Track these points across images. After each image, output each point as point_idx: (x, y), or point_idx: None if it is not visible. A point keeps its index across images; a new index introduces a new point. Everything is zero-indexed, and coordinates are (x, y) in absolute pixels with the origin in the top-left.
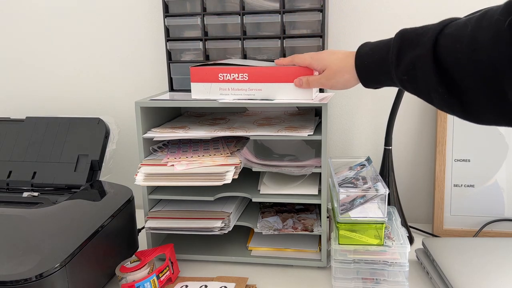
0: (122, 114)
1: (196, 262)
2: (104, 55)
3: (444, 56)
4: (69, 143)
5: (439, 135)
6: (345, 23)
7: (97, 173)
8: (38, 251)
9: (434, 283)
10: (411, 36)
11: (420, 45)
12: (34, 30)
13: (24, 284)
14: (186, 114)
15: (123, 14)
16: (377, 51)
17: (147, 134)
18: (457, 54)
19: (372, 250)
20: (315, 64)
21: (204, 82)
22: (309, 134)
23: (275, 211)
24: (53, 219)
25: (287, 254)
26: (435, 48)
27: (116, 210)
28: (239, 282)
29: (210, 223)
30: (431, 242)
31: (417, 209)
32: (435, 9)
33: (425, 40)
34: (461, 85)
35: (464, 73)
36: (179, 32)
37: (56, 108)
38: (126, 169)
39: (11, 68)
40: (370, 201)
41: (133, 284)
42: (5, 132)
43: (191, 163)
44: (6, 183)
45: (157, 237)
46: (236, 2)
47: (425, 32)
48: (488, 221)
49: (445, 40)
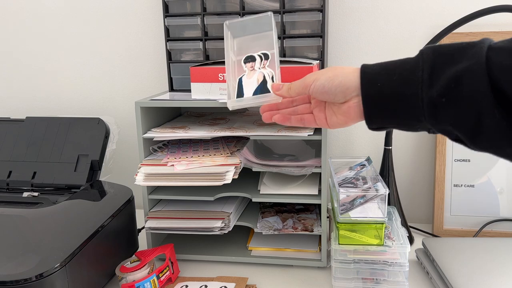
0: (122, 114)
1: (196, 262)
2: (104, 55)
3: (500, 73)
4: (69, 143)
5: (439, 135)
6: (345, 23)
7: (97, 173)
8: (38, 251)
9: (434, 283)
10: (448, 51)
11: (466, 59)
12: (34, 30)
13: (24, 284)
14: (186, 114)
15: (123, 14)
16: (394, 70)
17: (147, 134)
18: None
19: (372, 250)
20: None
21: (204, 82)
22: (309, 134)
23: (275, 211)
24: (53, 219)
25: (287, 254)
26: (487, 64)
27: (116, 210)
28: (239, 282)
29: (210, 223)
30: (431, 242)
31: (417, 209)
32: (435, 10)
33: (473, 52)
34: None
35: None
36: (179, 32)
37: (56, 108)
38: (126, 169)
39: (11, 68)
40: (370, 201)
41: (133, 284)
42: (5, 132)
43: (191, 163)
44: (6, 183)
45: (157, 237)
46: (236, 2)
47: (468, 46)
48: (488, 221)
49: (497, 55)
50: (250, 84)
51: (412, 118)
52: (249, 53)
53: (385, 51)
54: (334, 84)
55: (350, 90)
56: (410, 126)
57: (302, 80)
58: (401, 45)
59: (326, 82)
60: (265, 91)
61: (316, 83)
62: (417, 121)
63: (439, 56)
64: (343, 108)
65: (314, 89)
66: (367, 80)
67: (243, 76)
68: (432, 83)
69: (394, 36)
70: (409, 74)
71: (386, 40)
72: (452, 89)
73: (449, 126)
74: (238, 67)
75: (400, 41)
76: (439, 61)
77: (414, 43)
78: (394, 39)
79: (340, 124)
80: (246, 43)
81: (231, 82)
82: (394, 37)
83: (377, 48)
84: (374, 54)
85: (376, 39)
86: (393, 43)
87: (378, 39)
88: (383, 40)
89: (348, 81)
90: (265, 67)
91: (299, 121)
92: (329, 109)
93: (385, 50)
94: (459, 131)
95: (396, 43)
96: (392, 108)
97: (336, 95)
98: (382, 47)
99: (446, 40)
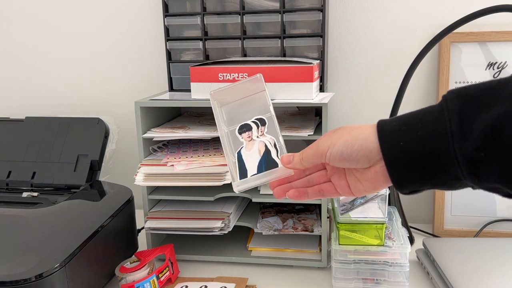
0: (122, 114)
1: (196, 262)
2: (104, 55)
3: None
4: (69, 143)
5: None
6: (345, 22)
7: (96, 173)
8: (37, 251)
9: (435, 283)
10: (475, 93)
11: (500, 101)
12: (34, 30)
13: (23, 284)
14: (186, 114)
15: (123, 13)
16: (416, 125)
17: (147, 134)
18: None
19: (373, 251)
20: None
21: (204, 82)
22: (309, 134)
23: (275, 211)
24: (52, 219)
25: (287, 254)
26: None
27: (116, 210)
28: (239, 283)
29: (210, 223)
30: (432, 242)
31: (418, 209)
32: (436, 9)
33: (508, 93)
34: None
35: None
36: (179, 32)
37: (56, 108)
38: (126, 169)
39: (10, 67)
40: (371, 201)
41: (133, 285)
42: (5, 132)
43: (191, 163)
44: (5, 183)
45: (157, 237)
46: (236, 2)
47: (499, 86)
48: (489, 221)
49: None
50: (251, 157)
51: (449, 178)
52: (242, 122)
53: (386, 51)
54: (354, 149)
55: (374, 154)
56: (450, 186)
57: (315, 148)
58: (402, 45)
59: (345, 148)
60: (271, 163)
61: (332, 150)
62: (456, 180)
63: (466, 102)
64: (368, 174)
65: (331, 157)
66: (387, 140)
67: (241, 149)
68: (465, 136)
69: (394, 36)
70: (435, 127)
71: (387, 40)
72: (491, 140)
73: (496, 183)
74: (234, 139)
75: (401, 41)
76: (467, 107)
77: (415, 43)
78: (394, 39)
79: (367, 191)
80: (235, 110)
81: (230, 159)
82: (395, 37)
83: (378, 48)
84: (375, 54)
85: (376, 39)
86: (393, 43)
87: (378, 39)
88: (383, 40)
89: (370, 143)
90: (264, 134)
91: (317, 193)
92: (351, 176)
93: (386, 50)
94: (508, 187)
95: (396, 43)
96: (423, 170)
97: (358, 161)
98: (382, 47)
99: (446, 39)
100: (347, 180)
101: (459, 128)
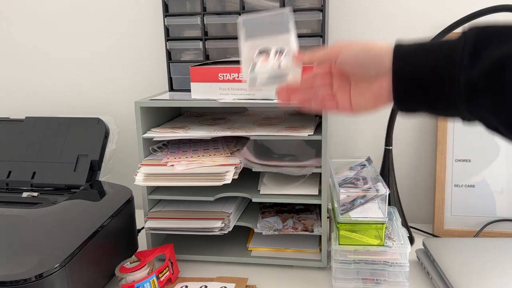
0: (122, 114)
1: (196, 262)
2: (104, 55)
3: None
4: (69, 143)
5: (440, 135)
6: (345, 23)
7: (96, 173)
8: (37, 251)
9: (435, 284)
10: (494, 30)
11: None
12: (34, 30)
13: (23, 284)
14: (186, 114)
15: (122, 13)
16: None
17: (147, 134)
18: None
19: (373, 251)
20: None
21: (204, 82)
22: (309, 134)
23: (275, 211)
24: (52, 219)
25: (287, 254)
26: None
27: (116, 210)
28: (239, 283)
29: (210, 223)
30: (432, 242)
31: (418, 209)
32: (436, 9)
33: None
34: None
35: None
36: (179, 32)
37: (56, 108)
38: (126, 169)
39: (10, 67)
40: (371, 201)
41: (132, 285)
42: (5, 132)
43: (191, 163)
44: (5, 183)
45: (157, 237)
46: (236, 2)
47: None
48: (489, 221)
49: None
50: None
51: (446, 101)
52: None
53: None
54: (370, 54)
55: (384, 65)
56: (443, 111)
57: (328, 48)
58: None
59: (362, 52)
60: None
61: (347, 52)
62: (451, 105)
63: (485, 34)
64: (373, 87)
65: (344, 60)
66: (400, 56)
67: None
68: (473, 64)
69: (395, 36)
70: (448, 53)
71: (387, 40)
72: (494, 73)
73: (487, 113)
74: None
75: None
76: (484, 38)
77: None
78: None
79: (366, 108)
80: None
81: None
82: (395, 37)
83: None
84: None
85: (376, 39)
86: None
87: (378, 39)
88: (383, 40)
89: (384, 55)
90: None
91: (319, 104)
92: (356, 89)
93: None
94: (498, 120)
95: None
96: (424, 88)
97: (369, 68)
98: None
99: None
100: (351, 93)
101: (470, 56)
